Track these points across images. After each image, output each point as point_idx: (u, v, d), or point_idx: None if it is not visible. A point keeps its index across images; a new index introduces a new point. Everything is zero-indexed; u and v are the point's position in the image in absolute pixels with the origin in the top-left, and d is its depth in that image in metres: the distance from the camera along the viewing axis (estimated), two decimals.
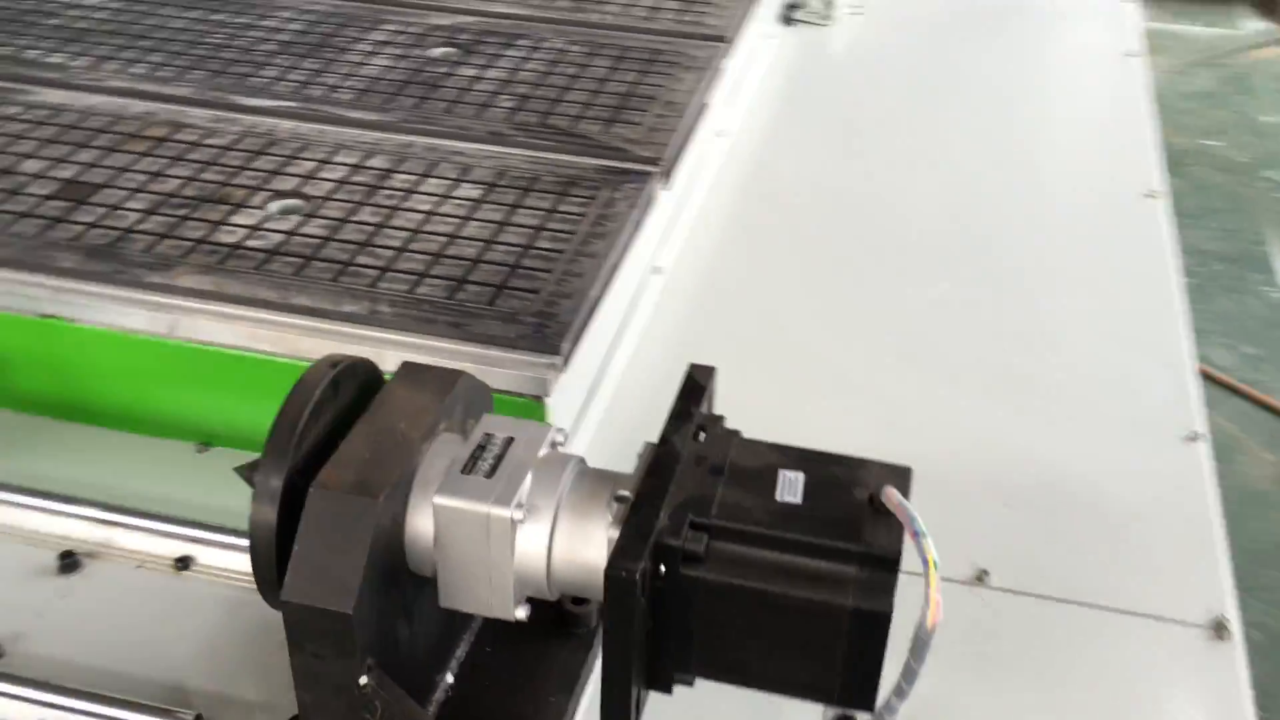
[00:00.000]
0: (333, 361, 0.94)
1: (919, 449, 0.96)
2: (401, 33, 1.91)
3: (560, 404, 1.26)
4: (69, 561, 1.18)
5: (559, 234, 1.42)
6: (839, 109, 2.18)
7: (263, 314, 1.29)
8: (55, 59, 1.79)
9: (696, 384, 0.95)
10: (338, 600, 0.84)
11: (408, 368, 0.99)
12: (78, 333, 1.33)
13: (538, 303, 1.31)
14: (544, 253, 1.39)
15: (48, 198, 1.46)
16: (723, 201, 1.87)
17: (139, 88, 1.72)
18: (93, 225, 1.41)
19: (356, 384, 0.96)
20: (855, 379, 1.53)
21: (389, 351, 1.25)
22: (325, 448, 0.91)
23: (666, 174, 1.59)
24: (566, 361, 1.25)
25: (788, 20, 2.45)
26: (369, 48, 1.86)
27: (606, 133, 1.64)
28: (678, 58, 1.85)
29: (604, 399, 1.43)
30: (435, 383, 0.97)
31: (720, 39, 1.92)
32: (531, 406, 1.24)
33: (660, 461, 0.88)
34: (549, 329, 1.27)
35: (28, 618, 1.14)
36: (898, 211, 1.89)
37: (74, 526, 1.21)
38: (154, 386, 1.35)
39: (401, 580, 0.92)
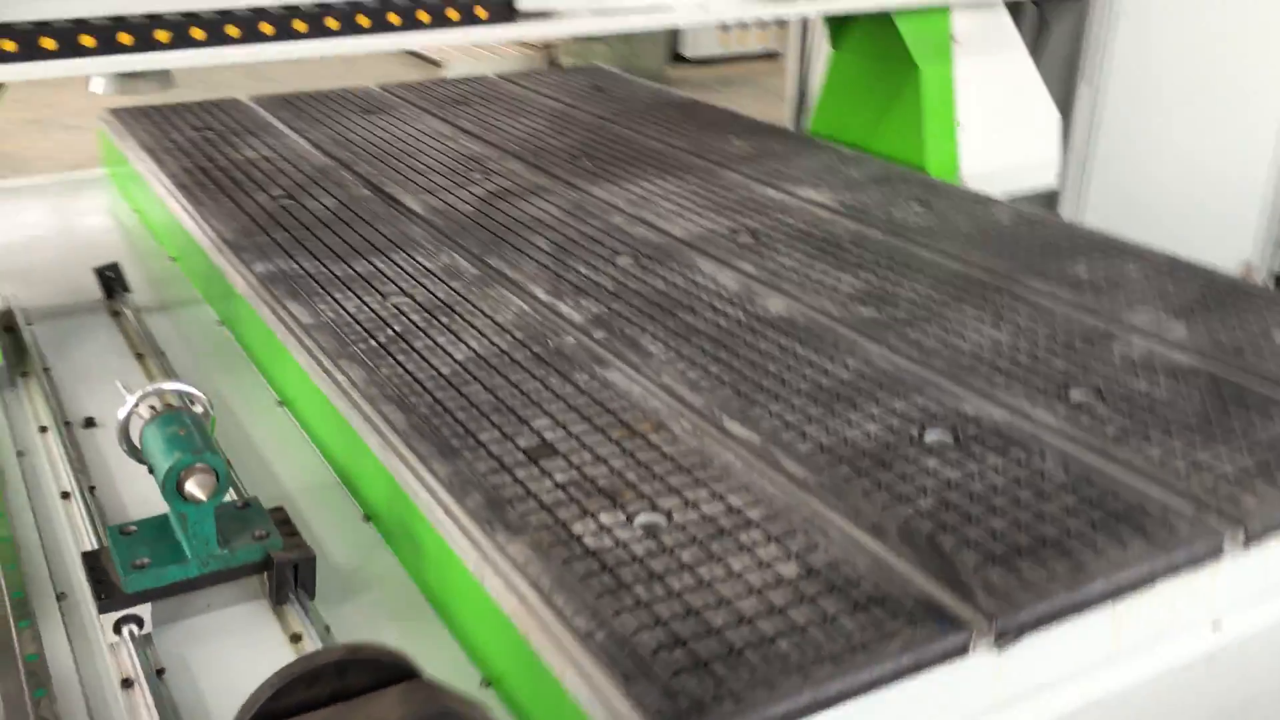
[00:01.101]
0: (351, 649, 1.13)
1: None
2: (919, 409, 1.95)
3: None
4: None
5: (807, 643, 1.39)
6: None
7: (530, 597, 1.49)
8: (653, 348, 2.19)
9: None
10: None
11: (414, 685, 1.13)
12: (448, 555, 1.67)
13: (709, 691, 1.31)
14: (775, 653, 1.37)
15: (521, 448, 1.84)
16: (1149, 698, 1.57)
17: (673, 386, 2.03)
18: (517, 480, 1.74)
19: (373, 675, 1.13)
20: None
21: (569, 670, 1.38)
22: (310, 708, 1.11)
23: (1001, 636, 1.43)
24: None
25: None
26: (877, 411, 1.94)
27: (975, 571, 1.52)
28: (1156, 525, 1.62)
29: None
30: (417, 704, 1.10)
31: (1236, 521, 1.63)
32: None
33: None
34: (682, 712, 1.27)
35: None
36: None
37: None
38: (472, 620, 1.63)
39: None
